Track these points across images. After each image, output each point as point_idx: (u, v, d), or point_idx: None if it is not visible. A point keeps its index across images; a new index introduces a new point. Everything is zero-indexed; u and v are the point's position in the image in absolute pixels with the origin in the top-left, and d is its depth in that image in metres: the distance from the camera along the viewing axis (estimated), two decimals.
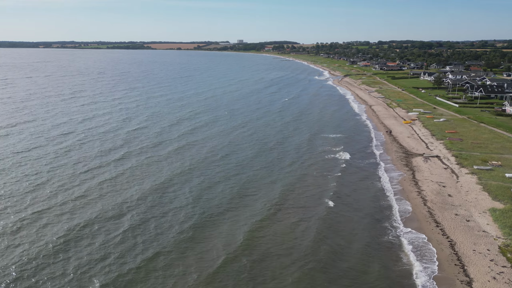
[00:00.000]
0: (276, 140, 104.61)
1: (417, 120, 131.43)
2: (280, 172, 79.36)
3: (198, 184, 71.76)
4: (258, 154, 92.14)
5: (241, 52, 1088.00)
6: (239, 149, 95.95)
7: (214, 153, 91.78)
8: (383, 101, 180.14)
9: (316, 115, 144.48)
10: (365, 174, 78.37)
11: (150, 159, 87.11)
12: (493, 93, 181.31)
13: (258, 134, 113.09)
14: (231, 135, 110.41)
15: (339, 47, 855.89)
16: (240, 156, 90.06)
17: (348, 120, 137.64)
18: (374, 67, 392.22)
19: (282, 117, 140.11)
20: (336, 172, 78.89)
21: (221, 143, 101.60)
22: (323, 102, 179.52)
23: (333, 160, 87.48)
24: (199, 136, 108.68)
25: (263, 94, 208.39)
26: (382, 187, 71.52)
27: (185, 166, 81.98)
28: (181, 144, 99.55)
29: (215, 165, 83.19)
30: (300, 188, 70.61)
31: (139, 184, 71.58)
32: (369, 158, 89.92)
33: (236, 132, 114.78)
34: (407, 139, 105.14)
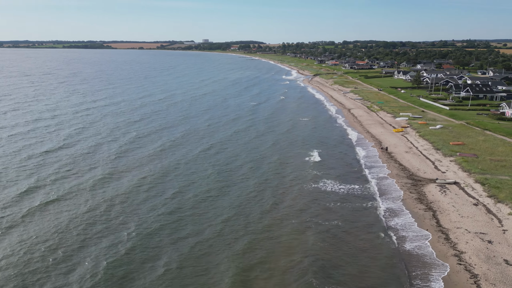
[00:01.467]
0: (242, 171, 76.82)
1: (409, 127, 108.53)
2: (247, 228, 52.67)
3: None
4: (222, 193, 65.04)
5: (206, 51, 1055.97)
6: (196, 182, 68.28)
7: (155, 191, 63.35)
8: (362, 103, 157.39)
9: (288, 125, 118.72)
10: (368, 223, 52.76)
11: (57, 205, 58.09)
12: (481, 93, 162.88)
13: (221, 157, 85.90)
14: (183, 160, 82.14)
15: (305, 47, 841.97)
16: (198, 194, 62.60)
17: (326, 129, 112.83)
18: (344, 66, 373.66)
19: (249, 129, 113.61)
20: (324, 237, 48.33)
21: (166, 172, 73.50)
22: (295, 106, 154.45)
23: (315, 205, 59.37)
24: (134, 160, 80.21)
25: (229, 97, 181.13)
26: (401, 255, 44.70)
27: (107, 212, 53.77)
28: (107, 172, 70.95)
29: (151, 217, 55.39)
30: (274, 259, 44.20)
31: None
32: (366, 192, 64.58)
33: (193, 153, 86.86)
34: (406, 156, 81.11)
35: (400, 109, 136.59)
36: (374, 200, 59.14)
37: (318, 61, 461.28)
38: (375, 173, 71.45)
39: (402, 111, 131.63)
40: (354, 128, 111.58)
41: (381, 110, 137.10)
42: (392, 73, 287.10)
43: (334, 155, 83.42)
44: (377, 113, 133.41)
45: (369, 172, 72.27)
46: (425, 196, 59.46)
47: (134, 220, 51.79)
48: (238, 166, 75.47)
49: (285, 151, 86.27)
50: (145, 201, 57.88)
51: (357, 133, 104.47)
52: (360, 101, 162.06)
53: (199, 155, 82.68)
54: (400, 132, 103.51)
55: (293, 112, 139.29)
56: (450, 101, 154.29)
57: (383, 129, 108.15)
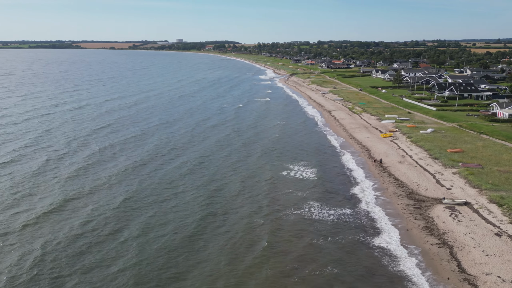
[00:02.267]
0: (207, 196, 63.53)
1: (397, 131, 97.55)
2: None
3: None
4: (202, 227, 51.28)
5: (180, 51, 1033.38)
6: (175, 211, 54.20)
7: (112, 226, 48.91)
8: (343, 104, 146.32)
9: (263, 131, 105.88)
10: (367, 270, 40.25)
11: None
12: (466, 92, 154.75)
13: (192, 178, 71.96)
14: (154, 178, 67.65)
15: (280, 47, 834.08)
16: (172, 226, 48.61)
17: (306, 135, 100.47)
18: (320, 66, 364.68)
19: (214, 139, 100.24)
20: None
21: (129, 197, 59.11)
22: (271, 109, 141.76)
23: (300, 242, 46.24)
24: (87, 187, 65.35)
25: (200, 99, 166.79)
26: None
27: None
28: (50, 206, 55.97)
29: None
30: None
31: None
32: (360, 220, 52.24)
33: (165, 169, 72.43)
34: (400, 168, 69.45)
35: (384, 110, 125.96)
36: (371, 233, 46.68)
37: (294, 61, 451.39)
38: (368, 191, 59.23)
39: (387, 113, 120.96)
40: (337, 133, 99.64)
41: (364, 112, 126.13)
42: (370, 72, 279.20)
43: (317, 169, 70.73)
44: (360, 115, 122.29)
45: (360, 190, 59.96)
46: (435, 224, 47.53)
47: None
48: (203, 188, 61.85)
49: (259, 165, 73.02)
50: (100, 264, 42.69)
51: (341, 140, 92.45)
52: (341, 102, 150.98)
53: (169, 175, 68.49)
54: (389, 138, 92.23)
55: (269, 115, 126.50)
56: (435, 101, 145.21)
57: (369, 134, 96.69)
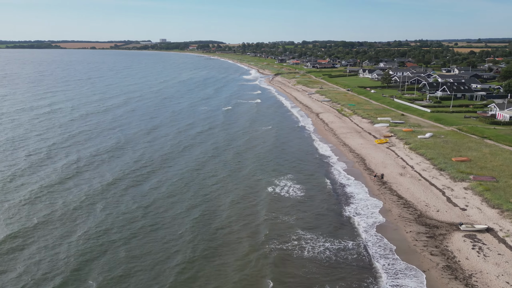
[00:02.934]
0: (182, 224, 52.74)
1: (393, 136, 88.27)
2: None
3: None
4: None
5: (163, 51, 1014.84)
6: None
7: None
8: (331, 106, 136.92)
9: (245, 138, 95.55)
10: None
11: None
12: (459, 92, 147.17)
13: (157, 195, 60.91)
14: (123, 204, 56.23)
15: (265, 47, 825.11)
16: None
17: (292, 142, 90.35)
18: (306, 65, 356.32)
19: (188, 148, 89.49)
20: None
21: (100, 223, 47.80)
22: (254, 111, 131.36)
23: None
24: (41, 216, 53.74)
25: (177, 101, 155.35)
26: None
27: None
28: None
29: None
30: None
31: None
32: (362, 259, 42.24)
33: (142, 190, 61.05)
34: (403, 182, 59.80)
35: (376, 112, 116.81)
36: (380, 279, 36.48)
37: (279, 60, 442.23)
38: (368, 215, 49.23)
39: (379, 115, 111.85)
40: (326, 139, 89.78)
41: (355, 114, 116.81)
42: (356, 71, 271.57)
43: (306, 185, 60.46)
44: (350, 118, 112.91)
45: (359, 213, 49.88)
46: (457, 262, 37.75)
47: None
48: (171, 211, 51.04)
49: (240, 181, 62.45)
50: None
51: (331, 147, 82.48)
52: (328, 104, 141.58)
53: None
54: (385, 144, 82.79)
55: (252, 119, 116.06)
56: (428, 102, 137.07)
57: (363, 139, 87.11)
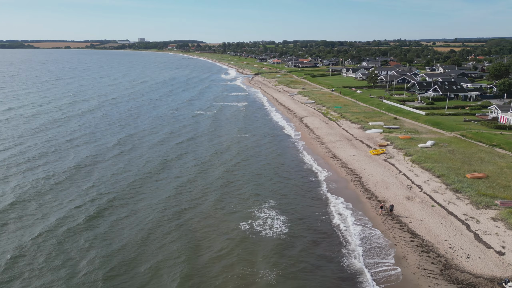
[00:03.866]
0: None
1: (390, 145, 76.08)
2: None
3: None
4: None
5: (141, 50, 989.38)
6: None
7: None
8: (315, 108, 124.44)
9: (218, 149, 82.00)
10: None
11: None
12: (452, 92, 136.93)
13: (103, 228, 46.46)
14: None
15: (246, 46, 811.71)
16: None
17: (273, 153, 77.21)
18: (287, 64, 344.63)
19: (148, 162, 75.36)
20: None
21: None
22: (230, 116, 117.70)
23: None
24: None
25: (142, 104, 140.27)
26: None
27: None
28: None
29: None
30: None
31: None
32: None
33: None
34: (413, 209, 47.19)
35: (365, 116, 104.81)
36: None
37: (259, 60, 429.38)
38: (376, 266, 36.25)
39: (369, 119, 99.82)
40: (313, 149, 76.81)
41: (342, 118, 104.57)
42: (339, 71, 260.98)
43: (291, 218, 47.08)
44: (338, 123, 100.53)
45: (364, 263, 36.83)
46: None
47: None
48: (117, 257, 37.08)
49: (210, 214, 48.78)
50: None
51: (319, 160, 69.37)
52: (313, 106, 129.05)
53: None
54: (381, 155, 70.41)
55: (227, 124, 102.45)
56: (419, 103, 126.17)
57: (355, 149, 74.56)
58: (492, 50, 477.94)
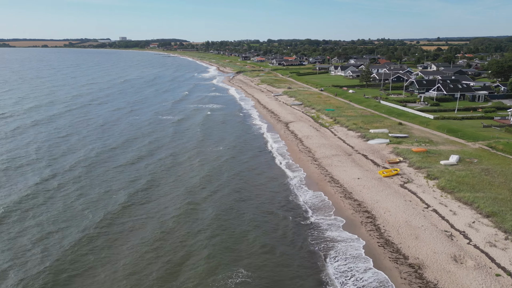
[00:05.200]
0: None
1: (403, 162, 58.46)
2: None
3: None
4: None
5: (121, 49, 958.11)
6: None
7: None
8: (303, 111, 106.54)
9: (185, 175, 63.20)
10: None
11: None
12: (456, 91, 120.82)
13: None
14: None
15: (230, 45, 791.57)
16: None
17: (253, 174, 58.89)
18: (271, 63, 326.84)
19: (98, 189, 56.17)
20: None
21: None
22: (202, 122, 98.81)
23: None
24: None
25: (103, 108, 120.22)
26: None
27: None
28: None
29: None
30: None
31: None
32: None
33: None
34: (464, 279, 29.53)
35: (364, 121, 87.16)
36: None
37: (242, 58, 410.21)
38: None
39: (369, 125, 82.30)
40: (304, 168, 58.45)
41: (337, 124, 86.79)
42: (327, 69, 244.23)
43: None
44: (332, 130, 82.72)
45: None
46: None
47: None
48: None
49: (172, 271, 30.46)
50: None
51: (312, 187, 51.38)
52: (300, 108, 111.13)
53: None
54: (394, 177, 52.74)
55: (197, 135, 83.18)
56: (423, 105, 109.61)
57: (358, 168, 56.68)
58: (479, 48, 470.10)
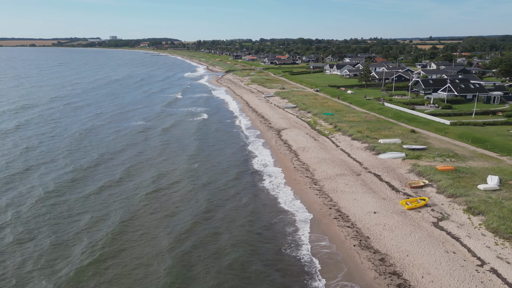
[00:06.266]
0: None
1: (429, 185, 45.18)
2: None
3: None
4: None
5: (111, 48, 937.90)
6: None
7: None
8: (298, 115, 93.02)
9: (164, 202, 49.29)
10: None
11: None
12: (469, 92, 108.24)
13: None
14: None
15: (222, 44, 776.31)
16: None
17: (238, 204, 45.22)
18: (263, 61, 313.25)
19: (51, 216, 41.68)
20: None
21: None
22: (182, 132, 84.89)
23: None
24: None
25: (63, 112, 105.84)
26: None
27: None
28: None
29: None
30: None
31: None
32: None
33: None
34: None
35: (370, 127, 73.75)
36: None
37: (233, 57, 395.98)
38: None
39: (377, 133, 68.99)
40: (300, 196, 44.95)
41: (338, 132, 73.32)
42: (321, 68, 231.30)
43: None
44: (333, 139, 69.23)
45: None
46: None
47: None
48: None
49: None
50: None
51: (315, 227, 37.75)
52: (294, 112, 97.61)
53: None
54: (421, 209, 39.39)
55: (172, 145, 69.29)
56: (434, 107, 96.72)
57: (372, 196, 43.21)
58: (475, 47, 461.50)
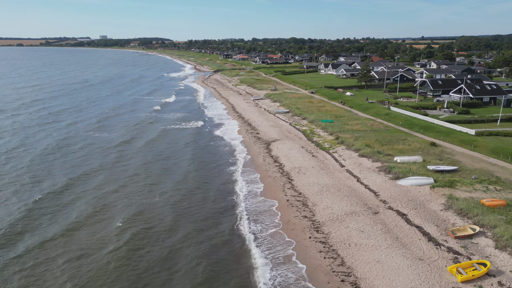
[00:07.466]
0: None
1: (480, 235, 31.89)
2: None
3: None
4: None
5: (100, 48, 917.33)
6: None
7: None
8: (291, 121, 79.32)
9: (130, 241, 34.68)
10: None
11: None
12: (485, 95, 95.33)
13: None
14: None
15: (213, 43, 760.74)
16: None
17: (214, 259, 31.26)
18: (254, 61, 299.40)
19: None
20: None
21: None
22: (154, 144, 70.66)
23: None
24: None
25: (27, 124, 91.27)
26: None
27: None
28: None
29: None
30: None
31: None
32: None
33: None
34: None
35: (379, 138, 60.30)
36: None
37: (223, 56, 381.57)
38: None
39: (390, 147, 55.56)
40: (300, 258, 31.53)
41: (341, 145, 59.76)
42: (315, 67, 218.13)
43: None
44: (335, 155, 55.64)
45: None
46: None
47: None
48: None
49: None
50: None
51: None
52: (287, 118, 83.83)
53: None
54: (481, 282, 26.17)
55: (137, 164, 55.44)
56: (448, 112, 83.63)
57: (402, 254, 29.56)
58: (471, 46, 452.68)
